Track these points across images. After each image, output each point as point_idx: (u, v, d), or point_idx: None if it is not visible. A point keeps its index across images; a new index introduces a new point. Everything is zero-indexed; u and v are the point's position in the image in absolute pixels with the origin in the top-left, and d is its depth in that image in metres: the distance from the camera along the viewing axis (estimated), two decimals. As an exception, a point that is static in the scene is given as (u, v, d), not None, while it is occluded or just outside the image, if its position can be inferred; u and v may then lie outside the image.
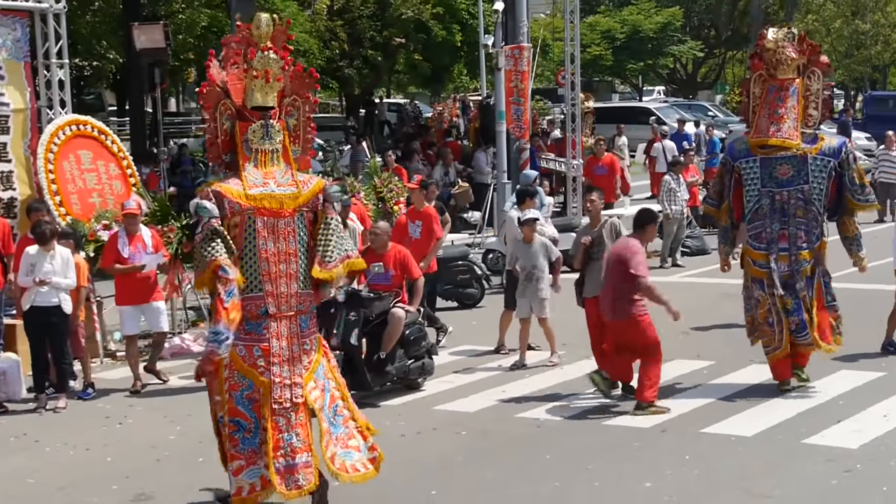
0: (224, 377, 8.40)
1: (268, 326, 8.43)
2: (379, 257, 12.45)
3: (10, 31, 14.15)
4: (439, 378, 12.86)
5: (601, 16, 55.68)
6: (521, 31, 21.24)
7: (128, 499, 9.29)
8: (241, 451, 8.39)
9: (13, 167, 14.25)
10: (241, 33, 8.60)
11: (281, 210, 8.47)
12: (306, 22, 36.29)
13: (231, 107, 8.55)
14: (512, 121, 20.80)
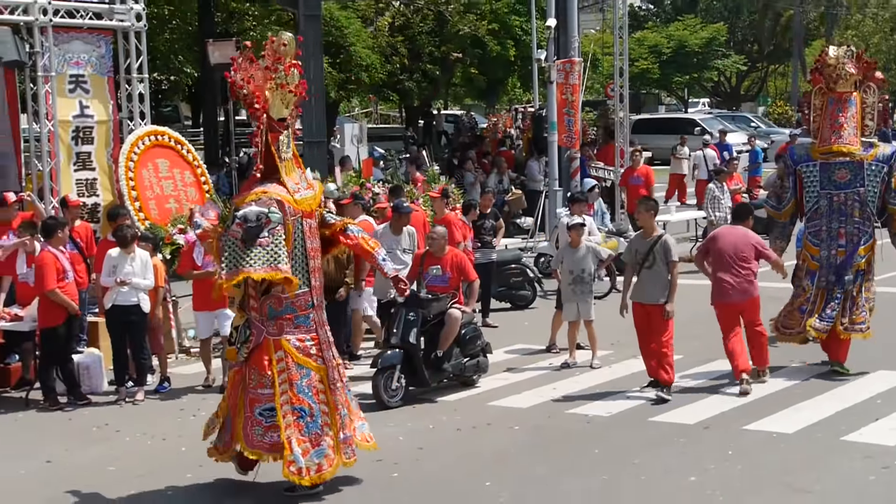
0: (279, 370, 8.69)
1: (313, 318, 8.89)
2: (437, 260, 12.47)
3: (95, 48, 14.35)
4: (493, 375, 12.84)
5: (649, 31, 55.43)
6: (572, 46, 21.23)
7: (199, 487, 9.36)
8: (306, 435, 8.72)
9: (97, 175, 14.43)
10: (270, 48, 8.84)
11: (311, 212, 8.98)
12: (368, 38, 36.42)
13: (265, 120, 8.76)
14: (563, 131, 20.77)
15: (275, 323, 8.79)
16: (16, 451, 10.36)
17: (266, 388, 8.73)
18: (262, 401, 8.76)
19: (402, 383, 11.77)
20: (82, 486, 9.37)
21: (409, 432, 10.79)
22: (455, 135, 39.23)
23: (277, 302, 8.75)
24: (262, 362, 8.73)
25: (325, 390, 8.87)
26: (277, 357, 8.70)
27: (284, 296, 8.73)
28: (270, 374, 8.71)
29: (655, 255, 11.70)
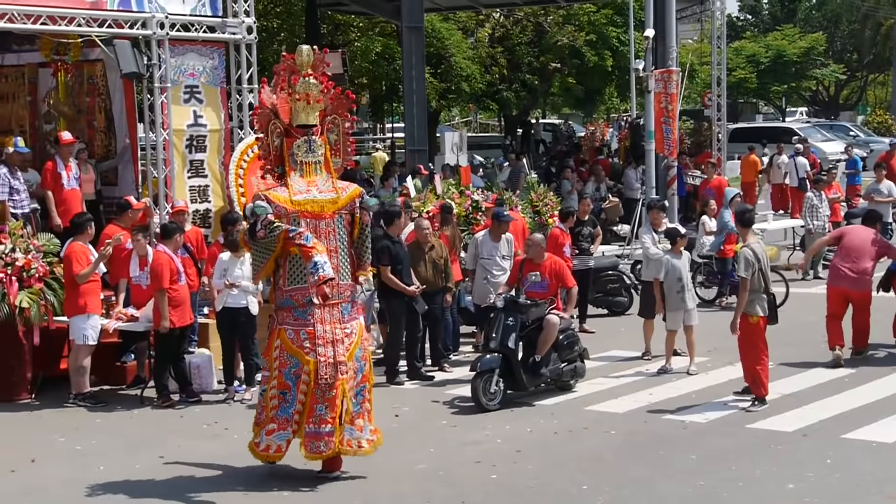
0: (273, 357, 9.28)
1: (312, 313, 9.22)
2: (536, 266, 12.44)
3: (209, 59, 14.60)
4: (590, 380, 12.77)
5: (746, 41, 54.68)
6: (670, 56, 21.05)
7: (305, 485, 9.43)
8: (278, 417, 9.30)
9: (209, 182, 14.69)
10: (286, 62, 9.40)
11: (322, 213, 9.27)
12: (469, 49, 36.52)
13: (280, 126, 9.36)
14: (661, 140, 20.58)
15: (279, 313, 9.38)
16: (131, 447, 10.59)
17: (266, 370, 9.47)
18: (263, 382, 9.54)
19: (501, 387, 11.76)
20: (194, 480, 9.54)
21: (507, 435, 10.78)
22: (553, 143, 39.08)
23: (280, 294, 9.34)
24: (268, 348, 9.41)
25: (310, 382, 9.22)
26: (276, 344, 9.32)
27: (285, 288, 9.27)
28: (269, 359, 9.39)
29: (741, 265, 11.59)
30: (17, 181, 13.52)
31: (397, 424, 11.27)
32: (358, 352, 9.41)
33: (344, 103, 9.62)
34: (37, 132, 15.52)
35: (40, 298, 12.22)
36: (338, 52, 20.81)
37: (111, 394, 12.64)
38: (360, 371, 9.45)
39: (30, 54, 15.31)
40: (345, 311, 9.38)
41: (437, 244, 13.48)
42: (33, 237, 12.60)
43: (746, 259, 11.41)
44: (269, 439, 9.35)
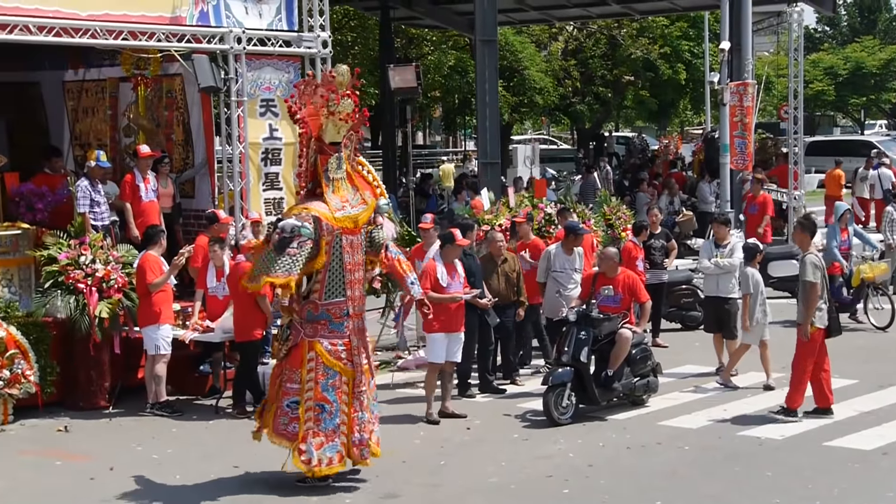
0: (308, 369, 9.43)
1: (348, 325, 9.54)
2: (609, 280, 12.37)
3: (285, 73, 14.76)
4: (663, 395, 12.66)
5: (824, 53, 54.00)
6: (746, 69, 20.85)
7: (377, 497, 9.50)
8: (323, 430, 9.45)
9: (283, 194, 14.82)
10: (326, 79, 9.67)
11: (355, 228, 9.59)
12: (542, 62, 36.51)
13: (315, 144, 9.57)
14: (735, 153, 20.38)
15: (311, 326, 9.51)
16: (206, 456, 10.72)
17: (295, 383, 9.50)
18: (290, 394, 9.51)
19: (573, 401, 11.71)
20: (268, 489, 9.63)
21: (580, 449, 10.73)
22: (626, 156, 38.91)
23: (315, 307, 9.50)
24: (296, 360, 9.50)
25: (349, 392, 9.52)
26: (309, 357, 9.46)
27: (321, 302, 9.47)
28: (300, 371, 9.46)
29: (799, 274, 11.45)
30: (98, 194, 13.76)
31: (469, 437, 11.28)
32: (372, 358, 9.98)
33: (361, 120, 9.88)
34: (116, 145, 15.80)
35: (119, 309, 12.43)
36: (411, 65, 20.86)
37: (187, 403, 12.80)
38: (373, 376, 9.96)
39: (111, 69, 15.60)
40: (364, 322, 9.87)
41: (510, 257, 13.47)
42: (112, 248, 12.83)
43: (814, 264, 11.30)
44: (320, 453, 9.44)
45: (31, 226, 13.25)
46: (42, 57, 15.98)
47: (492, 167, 18.96)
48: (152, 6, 13.44)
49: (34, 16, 12.38)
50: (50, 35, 12.54)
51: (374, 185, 10.14)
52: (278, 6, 14.72)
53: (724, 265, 13.51)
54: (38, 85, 16.68)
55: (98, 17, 12.93)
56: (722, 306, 13.44)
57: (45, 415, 12.02)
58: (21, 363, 11.75)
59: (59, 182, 14.39)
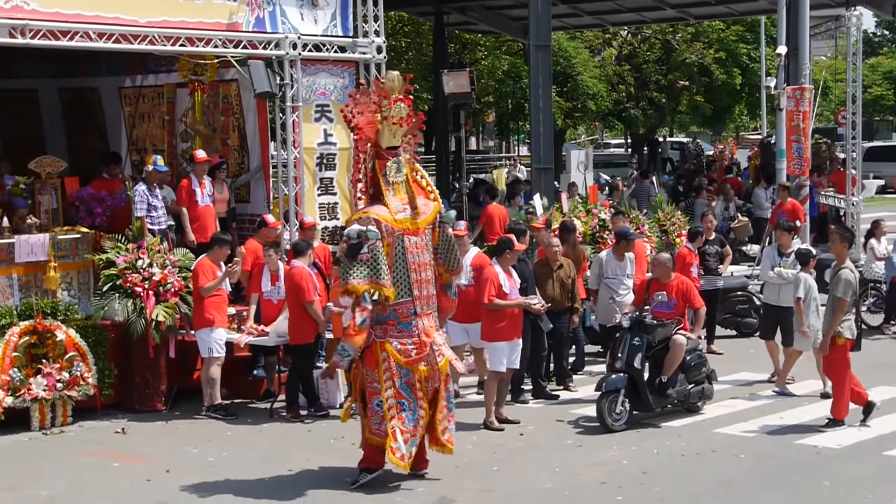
0: (384, 369, 9.62)
1: (416, 324, 9.70)
2: (663, 286, 12.29)
3: (339, 79, 14.84)
4: (718, 402, 12.55)
5: (884, 57, 53.28)
6: (803, 73, 20.63)
7: (431, 501, 9.50)
8: (407, 427, 9.65)
9: (338, 199, 14.89)
10: (378, 85, 9.93)
11: (417, 229, 9.73)
12: (595, 67, 36.39)
13: (372, 149, 9.79)
14: (792, 158, 20.17)
15: (381, 327, 9.69)
16: (261, 459, 10.78)
17: (376, 383, 9.70)
18: (376, 394, 9.71)
19: (627, 407, 11.65)
20: (322, 494, 9.66)
21: (633, 456, 10.67)
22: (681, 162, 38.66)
23: (382, 309, 9.65)
24: (371, 362, 9.70)
25: (422, 389, 9.68)
26: (382, 357, 9.65)
27: (388, 304, 9.59)
28: (377, 372, 9.66)
29: (831, 285, 11.36)
30: (155, 198, 13.92)
31: (522, 443, 11.26)
32: (447, 354, 9.94)
33: (417, 124, 10.03)
34: (173, 150, 15.97)
35: (175, 312, 12.56)
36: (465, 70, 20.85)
37: (242, 407, 12.90)
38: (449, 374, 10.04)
39: (168, 75, 15.78)
40: (436, 319, 9.98)
41: (565, 263, 13.42)
42: (169, 252, 12.97)
43: (848, 280, 11.21)
44: (407, 448, 9.65)
45: (90, 230, 13.45)
46: (100, 63, 16.21)
47: (545, 172, 18.92)
48: (209, 13, 13.58)
49: (94, 22, 12.56)
50: (109, 42, 12.71)
51: (429, 191, 10.19)
52: (333, 12, 14.82)
53: (787, 276, 13.32)
54: (96, 91, 16.93)
55: (156, 23, 13.08)
56: (783, 314, 13.28)
57: (102, 417, 12.19)
58: (80, 365, 11.91)
59: (117, 186, 14.58)
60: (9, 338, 11.58)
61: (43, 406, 11.72)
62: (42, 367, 11.76)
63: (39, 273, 12.64)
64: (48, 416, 11.77)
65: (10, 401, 11.46)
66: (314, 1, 14.51)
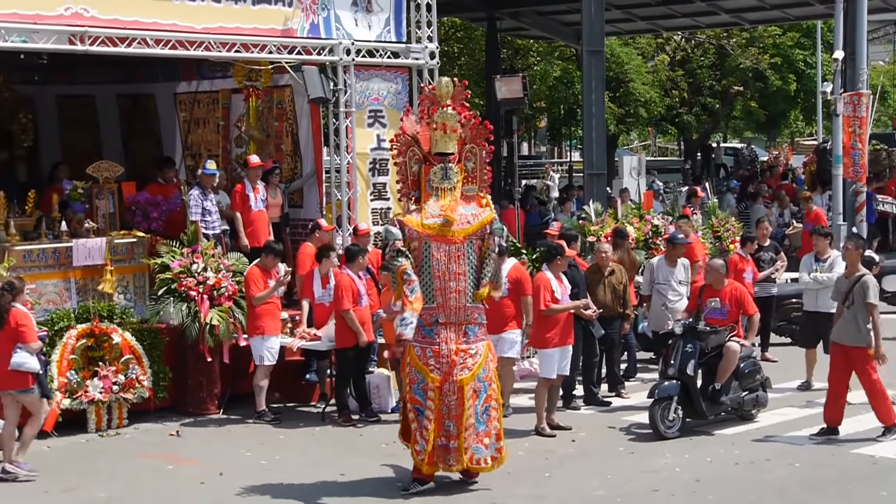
0: (406, 373, 9.75)
1: (438, 332, 9.65)
2: (716, 293, 12.21)
3: (393, 84, 14.91)
4: (773, 410, 12.44)
5: (943, 61, 52.41)
6: (860, 79, 20.41)
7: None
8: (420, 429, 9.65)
9: (390, 204, 14.95)
10: (426, 93, 9.97)
11: (452, 237, 9.61)
12: (648, 73, 36.21)
13: (418, 153, 9.84)
14: (849, 164, 19.96)
15: None
16: (313, 463, 10.84)
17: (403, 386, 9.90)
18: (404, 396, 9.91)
19: (680, 415, 11.58)
20: (373, 499, 9.70)
21: (686, 464, 10.59)
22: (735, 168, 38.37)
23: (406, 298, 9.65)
24: (403, 365, 9.91)
25: (435, 398, 9.58)
26: (407, 361, 9.78)
27: None
28: (403, 374, 9.85)
29: (855, 295, 11.16)
30: (209, 202, 14.05)
31: (574, 449, 11.23)
32: (482, 372, 9.72)
33: (482, 133, 9.95)
34: (228, 156, 16.11)
35: (229, 317, 12.67)
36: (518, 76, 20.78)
37: (294, 411, 12.98)
38: (484, 391, 9.74)
39: (223, 81, 15.93)
40: (470, 332, 9.77)
41: (617, 269, 13.37)
42: (223, 257, 13.08)
43: (876, 285, 11.11)
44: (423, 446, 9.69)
45: (145, 234, 13.60)
46: (156, 69, 16.40)
47: (597, 178, 18.87)
48: (264, 19, 13.70)
49: (152, 29, 12.72)
50: (166, 48, 12.86)
51: (480, 197, 10.13)
52: (387, 18, 14.89)
53: (822, 280, 13.21)
54: (152, 96, 17.12)
55: (212, 29, 13.22)
56: (822, 321, 13.14)
57: (157, 419, 12.32)
58: (135, 368, 12.06)
59: (172, 191, 14.73)
60: (66, 340, 11.75)
61: (99, 408, 11.88)
62: (98, 369, 11.92)
63: (96, 277, 12.81)
64: (104, 418, 11.93)
65: (67, 403, 11.62)
66: (368, 7, 14.60)
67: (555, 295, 11.82)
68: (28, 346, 10.23)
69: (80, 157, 15.07)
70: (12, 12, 11.81)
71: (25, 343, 10.22)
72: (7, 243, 12.27)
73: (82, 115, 17.51)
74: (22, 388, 10.29)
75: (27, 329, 10.30)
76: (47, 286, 12.50)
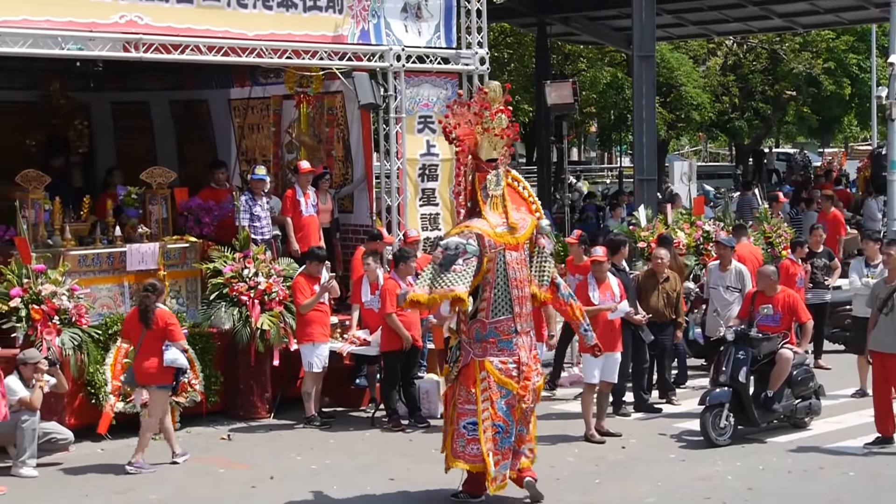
0: (482, 389, 9.32)
1: (517, 342, 9.41)
2: (768, 299, 12.07)
3: (442, 90, 14.92)
4: (826, 418, 12.28)
5: None
6: (916, 83, 20.05)
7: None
8: (500, 449, 9.33)
9: (440, 210, 14.96)
10: (479, 96, 9.66)
11: (517, 244, 9.45)
12: (699, 78, 35.98)
13: (473, 160, 9.47)
14: (906, 170, 19.67)
15: (480, 345, 9.42)
16: (363, 467, 10.86)
17: (471, 403, 9.38)
18: (466, 415, 9.41)
19: (731, 422, 11.47)
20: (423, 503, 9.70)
21: (738, 472, 10.49)
22: (787, 173, 37.99)
23: (482, 326, 9.41)
24: (469, 380, 9.41)
25: (519, 410, 9.37)
26: (481, 377, 9.35)
27: (489, 321, 9.38)
28: (474, 391, 9.36)
29: (895, 301, 10.94)
30: (258, 208, 14.12)
31: (624, 456, 11.16)
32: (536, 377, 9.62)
33: (513, 136, 9.77)
34: (279, 161, 16.20)
35: (280, 321, 12.72)
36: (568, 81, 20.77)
37: (344, 415, 13.01)
38: None
39: (274, 87, 16.02)
40: (532, 338, 9.68)
41: (672, 276, 13.27)
42: (274, 262, 13.14)
43: None
44: (497, 471, 9.36)
45: (198, 239, 13.69)
46: (209, 75, 16.53)
47: (648, 183, 18.78)
48: (315, 25, 13.76)
49: (204, 36, 12.82)
50: (219, 55, 12.95)
51: (531, 202, 10.08)
52: (437, 24, 14.90)
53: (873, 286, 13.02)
54: (205, 102, 17.25)
55: (264, 36, 13.30)
56: None
57: (208, 423, 12.39)
58: (187, 373, 12.13)
59: (224, 196, 14.82)
60: (120, 344, 11.85)
61: (152, 411, 11.97)
62: (152, 373, 12.00)
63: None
64: (157, 421, 12.02)
65: (121, 406, 11.71)
66: (418, 13, 14.62)
67: (590, 300, 11.76)
68: (177, 344, 10.89)
69: (135, 164, 15.21)
70: (68, 20, 11.94)
71: (175, 341, 10.87)
72: (63, 248, 12.41)
73: (137, 121, 17.69)
74: (164, 383, 10.89)
75: (176, 328, 10.95)
76: (101, 290, 12.62)
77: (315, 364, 12.45)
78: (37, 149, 16.50)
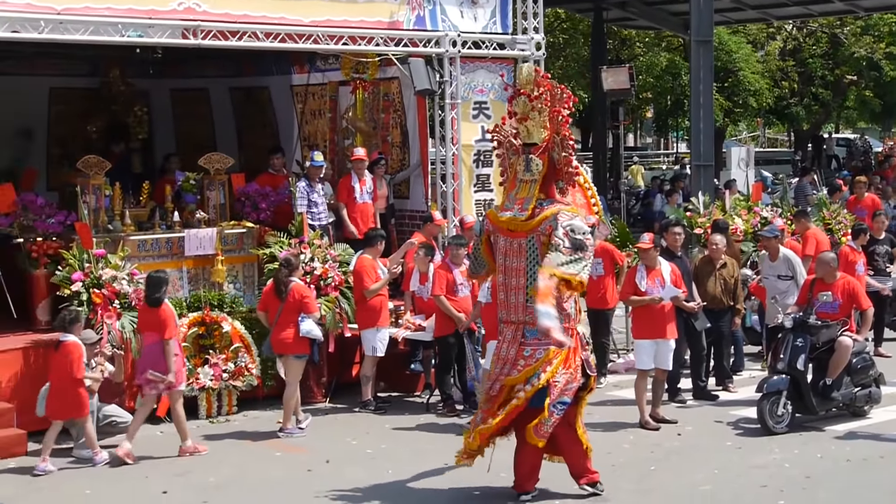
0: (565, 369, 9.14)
1: (501, 330, 9.35)
2: (827, 286, 11.90)
3: (498, 76, 14.87)
4: (886, 407, 12.09)
5: None
6: (980, 67, 19.70)
7: (588, 501, 9.41)
8: None
9: (494, 196, 14.89)
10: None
11: (516, 232, 9.20)
12: (757, 63, 35.53)
13: (515, 144, 9.46)
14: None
15: None
16: (418, 452, 10.88)
17: None
18: None
19: (789, 410, 11.33)
20: (477, 489, 9.69)
21: (796, 460, 10.36)
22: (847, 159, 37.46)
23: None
24: None
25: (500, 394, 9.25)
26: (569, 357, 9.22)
27: None
28: None
29: None
30: (315, 194, 14.16)
31: (679, 443, 11.07)
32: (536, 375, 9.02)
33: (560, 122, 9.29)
34: (335, 147, 16.24)
35: (335, 307, 12.76)
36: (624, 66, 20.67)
37: (399, 400, 13.03)
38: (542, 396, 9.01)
39: (332, 73, 16.06)
40: (528, 334, 9.13)
41: (729, 263, 13.12)
42: (330, 248, 13.18)
43: None
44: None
45: (255, 224, 13.77)
46: (270, 62, 16.60)
47: (705, 169, 18.60)
48: (371, 12, 13.76)
49: (261, 22, 12.87)
50: (276, 41, 12.99)
51: (591, 199, 9.86)
52: (493, 9, 14.83)
53: None
54: (266, 89, 17.32)
55: (320, 23, 13.32)
56: None
57: (265, 407, 12.47)
58: (244, 357, 12.23)
59: (281, 182, 14.89)
60: (178, 329, 11.95)
61: (210, 395, 12.09)
62: (209, 357, 12.12)
63: (207, 266, 13.00)
64: (214, 404, 12.14)
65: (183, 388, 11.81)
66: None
67: (638, 287, 11.65)
68: (313, 316, 11.46)
69: (194, 150, 15.33)
70: (128, 8, 12.04)
71: (310, 313, 11.41)
72: (122, 233, 12.55)
73: (196, 108, 17.83)
74: (302, 353, 11.45)
75: (311, 300, 11.53)
76: (160, 275, 12.73)
77: (378, 348, 12.48)
78: (97, 135, 16.70)
